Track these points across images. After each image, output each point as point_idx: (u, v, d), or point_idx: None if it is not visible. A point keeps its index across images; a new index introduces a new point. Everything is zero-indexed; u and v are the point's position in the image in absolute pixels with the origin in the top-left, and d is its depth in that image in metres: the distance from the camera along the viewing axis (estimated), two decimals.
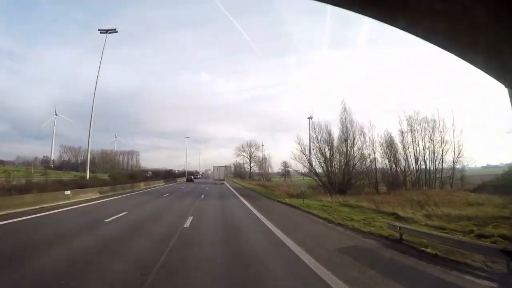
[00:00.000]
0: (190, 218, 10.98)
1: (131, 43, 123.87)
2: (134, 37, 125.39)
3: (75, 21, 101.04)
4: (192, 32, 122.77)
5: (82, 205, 14.92)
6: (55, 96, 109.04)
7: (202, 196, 22.39)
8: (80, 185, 19.74)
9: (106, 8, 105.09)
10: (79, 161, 71.96)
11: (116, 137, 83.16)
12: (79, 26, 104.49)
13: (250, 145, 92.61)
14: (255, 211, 14.08)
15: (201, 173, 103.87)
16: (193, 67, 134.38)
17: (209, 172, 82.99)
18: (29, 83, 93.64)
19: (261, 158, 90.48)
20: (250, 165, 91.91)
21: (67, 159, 72.44)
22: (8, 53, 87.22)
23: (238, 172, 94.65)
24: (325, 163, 28.95)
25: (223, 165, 56.26)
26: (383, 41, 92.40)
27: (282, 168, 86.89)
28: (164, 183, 43.26)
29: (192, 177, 69.45)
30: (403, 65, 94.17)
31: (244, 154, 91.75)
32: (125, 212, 12.19)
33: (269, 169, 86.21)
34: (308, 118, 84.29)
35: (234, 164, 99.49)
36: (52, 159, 66.84)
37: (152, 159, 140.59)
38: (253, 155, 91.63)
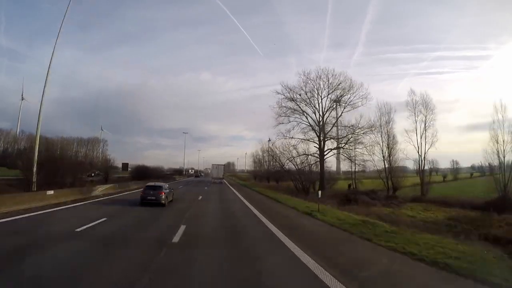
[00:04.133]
0: None
1: (132, 42, 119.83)
2: (135, 36, 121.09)
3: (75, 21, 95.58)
4: (193, 31, 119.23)
5: None
6: None
7: None
8: None
9: (107, 7, 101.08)
10: (16, 150, 49.39)
11: (102, 129, 75.60)
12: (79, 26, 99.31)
13: (327, 79, 31.48)
14: None
15: (192, 170, 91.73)
16: (194, 66, 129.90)
17: (209, 171, 77.29)
18: None
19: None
20: (322, 153, 31.25)
21: None
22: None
23: (264, 174, 44.81)
24: None
25: (222, 163, 54.51)
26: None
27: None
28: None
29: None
30: None
31: (301, 119, 32.48)
32: None
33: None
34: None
35: (254, 156, 60.13)
36: None
37: (151, 156, 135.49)
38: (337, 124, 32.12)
